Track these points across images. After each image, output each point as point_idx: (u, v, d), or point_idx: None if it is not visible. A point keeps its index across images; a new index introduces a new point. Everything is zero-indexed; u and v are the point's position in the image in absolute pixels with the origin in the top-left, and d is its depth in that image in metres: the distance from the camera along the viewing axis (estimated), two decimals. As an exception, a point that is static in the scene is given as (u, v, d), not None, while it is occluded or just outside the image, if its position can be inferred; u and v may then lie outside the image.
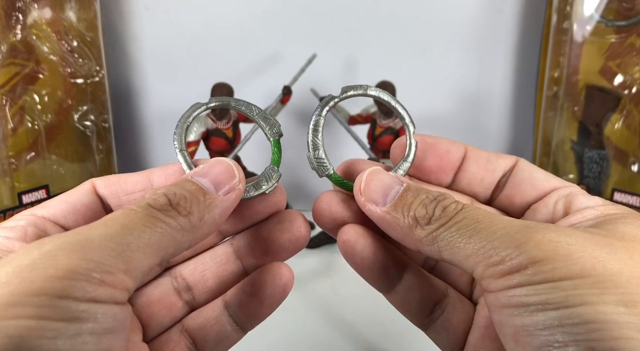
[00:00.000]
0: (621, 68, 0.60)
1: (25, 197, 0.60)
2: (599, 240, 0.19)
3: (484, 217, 0.20)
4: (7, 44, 0.57)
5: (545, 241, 0.18)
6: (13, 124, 0.59)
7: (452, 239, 0.20)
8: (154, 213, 0.19)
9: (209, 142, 0.63)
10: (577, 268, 0.18)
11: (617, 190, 0.63)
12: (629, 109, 0.60)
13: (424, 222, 0.21)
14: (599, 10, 0.61)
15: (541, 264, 0.18)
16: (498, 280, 0.19)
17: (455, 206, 0.21)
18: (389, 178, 0.23)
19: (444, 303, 0.26)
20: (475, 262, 0.19)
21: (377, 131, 0.65)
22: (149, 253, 0.18)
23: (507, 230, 0.19)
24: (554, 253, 0.18)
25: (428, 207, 0.21)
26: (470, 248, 0.20)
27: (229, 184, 0.22)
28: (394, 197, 0.22)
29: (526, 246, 0.18)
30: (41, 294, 0.16)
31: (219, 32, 0.74)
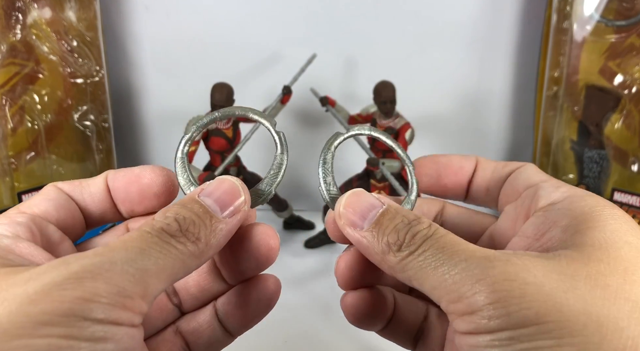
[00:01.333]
0: (621, 68, 0.60)
1: (25, 196, 0.60)
2: (561, 271, 0.18)
3: (448, 246, 0.20)
4: (7, 43, 0.57)
5: (501, 279, 0.18)
6: (13, 124, 0.59)
7: (420, 268, 0.20)
8: (168, 239, 0.20)
9: (209, 142, 0.63)
10: (531, 314, 0.17)
11: (617, 190, 0.63)
12: (628, 109, 0.60)
13: (395, 248, 0.21)
14: (599, 10, 0.61)
15: (495, 307, 0.17)
16: (459, 320, 0.19)
17: (426, 232, 0.21)
18: (368, 200, 0.23)
19: (425, 324, 0.27)
20: (439, 295, 0.19)
21: (377, 131, 0.65)
22: (162, 279, 0.19)
23: (467, 263, 0.19)
24: (508, 295, 0.17)
25: (400, 232, 0.21)
26: (435, 279, 0.19)
27: (234, 205, 0.23)
28: (372, 219, 0.22)
29: (482, 284, 0.18)
30: (70, 315, 0.16)
31: (219, 32, 0.74)
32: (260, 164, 0.73)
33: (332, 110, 0.66)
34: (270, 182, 0.26)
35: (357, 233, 0.22)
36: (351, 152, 0.68)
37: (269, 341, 0.53)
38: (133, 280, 0.18)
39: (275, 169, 0.26)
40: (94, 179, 0.25)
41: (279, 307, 0.59)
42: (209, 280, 0.26)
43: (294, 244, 0.71)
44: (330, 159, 0.26)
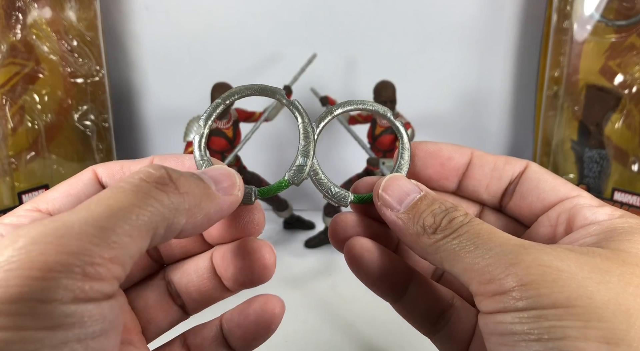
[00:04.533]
0: (621, 67, 0.60)
1: (25, 196, 0.60)
2: (595, 265, 0.18)
3: (485, 233, 0.20)
4: (7, 43, 0.57)
5: (535, 264, 0.18)
6: (13, 124, 0.59)
7: (453, 251, 0.20)
8: (146, 189, 0.18)
9: (209, 142, 0.63)
10: (562, 297, 0.17)
11: (617, 190, 0.63)
12: (629, 109, 0.60)
13: (431, 231, 0.21)
14: (599, 9, 0.61)
15: (527, 289, 0.18)
16: (487, 300, 0.19)
17: (463, 219, 0.21)
18: (407, 185, 0.24)
19: (449, 313, 0.26)
20: (470, 277, 0.20)
21: (378, 131, 0.65)
22: (137, 236, 0.16)
23: (502, 248, 0.19)
24: (540, 278, 0.18)
25: (437, 216, 0.22)
26: (468, 262, 0.20)
27: (229, 189, 0.22)
28: (409, 203, 0.23)
29: (515, 267, 0.18)
30: (19, 300, 0.14)
31: (219, 32, 0.74)
32: (260, 164, 0.73)
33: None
34: (305, 153, 0.26)
35: (393, 214, 0.23)
36: (351, 152, 0.68)
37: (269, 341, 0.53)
38: (96, 241, 0.15)
39: (304, 139, 0.26)
40: (138, 162, 0.24)
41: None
42: (209, 285, 0.26)
43: (294, 244, 0.71)
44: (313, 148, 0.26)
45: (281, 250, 0.71)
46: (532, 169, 0.26)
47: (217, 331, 0.26)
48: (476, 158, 0.26)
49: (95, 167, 0.23)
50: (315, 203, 0.78)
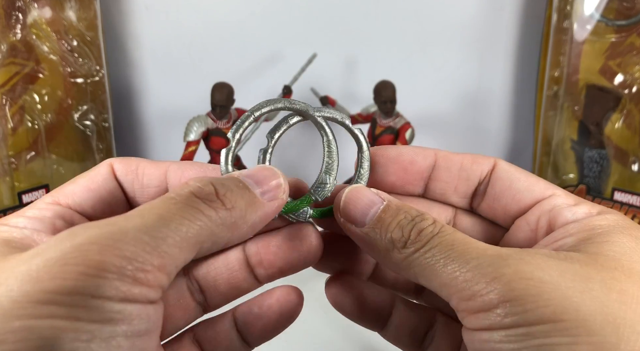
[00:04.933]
0: (621, 67, 0.60)
1: (25, 196, 0.60)
2: (576, 272, 0.18)
3: (458, 243, 0.19)
4: (7, 43, 0.57)
5: (516, 278, 0.18)
6: (13, 124, 0.59)
7: (428, 265, 0.19)
8: (196, 204, 0.18)
9: (209, 142, 0.63)
10: (548, 312, 0.17)
11: (617, 190, 0.63)
12: (629, 108, 0.60)
13: (400, 246, 0.20)
14: (599, 9, 0.61)
15: (512, 305, 0.17)
16: (471, 317, 0.18)
17: (432, 229, 0.20)
18: (368, 196, 0.22)
19: (433, 331, 0.26)
20: (449, 292, 0.19)
21: (378, 130, 0.65)
22: (185, 248, 0.17)
23: (479, 261, 0.18)
24: (525, 293, 0.17)
25: (404, 229, 0.20)
26: (445, 277, 0.19)
27: (274, 192, 0.22)
28: (373, 216, 0.22)
29: (497, 282, 0.18)
30: (74, 293, 0.15)
31: (219, 32, 0.74)
32: (260, 164, 0.73)
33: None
34: (328, 170, 0.26)
35: (359, 231, 0.22)
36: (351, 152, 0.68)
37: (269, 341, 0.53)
38: (148, 248, 0.16)
39: (328, 157, 0.26)
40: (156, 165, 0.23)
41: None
42: (239, 277, 0.25)
43: (294, 244, 0.71)
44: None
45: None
46: (501, 168, 0.24)
47: (231, 323, 0.25)
48: (441, 160, 0.25)
49: (113, 161, 0.23)
50: (315, 203, 0.78)
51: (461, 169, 0.25)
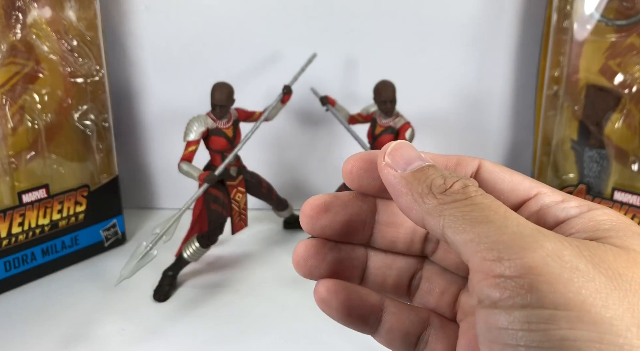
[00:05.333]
0: (621, 67, 0.60)
1: (25, 196, 0.60)
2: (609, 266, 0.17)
3: (502, 209, 0.19)
4: (7, 43, 0.57)
5: (554, 255, 0.17)
6: (13, 123, 0.59)
7: (462, 217, 0.19)
8: None
9: (209, 141, 0.63)
10: (577, 301, 0.16)
11: (618, 190, 0.63)
12: (629, 108, 0.60)
13: (438, 191, 0.20)
14: (599, 9, 0.61)
15: (539, 281, 0.16)
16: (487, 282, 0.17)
17: (476, 189, 0.20)
18: (416, 153, 0.22)
19: (426, 334, 0.25)
20: (473, 250, 0.18)
21: (377, 130, 0.65)
22: None
23: (519, 228, 0.18)
24: (558, 272, 0.16)
25: (447, 179, 0.20)
26: (475, 233, 0.18)
27: None
28: (415, 167, 0.21)
29: (531, 253, 0.17)
30: None
31: (219, 32, 0.74)
32: (260, 164, 0.73)
33: (333, 109, 0.66)
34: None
35: (398, 174, 0.21)
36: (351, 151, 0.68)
37: (269, 341, 0.53)
38: None
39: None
40: None
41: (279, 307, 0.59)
42: None
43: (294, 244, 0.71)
44: None
45: (281, 250, 0.71)
46: (485, 169, 0.24)
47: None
48: None
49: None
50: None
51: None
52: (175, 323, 0.56)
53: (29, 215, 0.61)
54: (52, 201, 0.63)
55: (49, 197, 0.63)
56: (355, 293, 0.25)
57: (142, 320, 0.56)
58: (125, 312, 0.58)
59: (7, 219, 0.59)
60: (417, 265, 0.26)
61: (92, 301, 0.59)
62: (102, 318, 0.56)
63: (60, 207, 0.64)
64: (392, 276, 0.26)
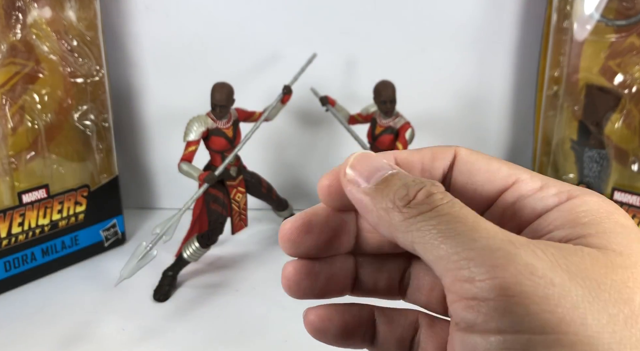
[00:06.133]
0: (621, 67, 0.60)
1: (25, 196, 0.60)
2: (587, 275, 0.16)
3: (470, 219, 0.17)
4: (7, 43, 0.57)
5: (526, 272, 0.16)
6: (13, 124, 0.59)
7: (429, 232, 0.17)
8: None
9: (209, 142, 0.63)
10: (554, 320, 0.15)
11: (617, 190, 0.63)
12: (629, 108, 0.60)
13: (402, 204, 0.18)
14: (599, 9, 0.61)
15: (513, 302, 0.15)
16: (461, 303, 0.16)
17: (442, 197, 0.18)
18: (378, 161, 0.21)
19: (418, 335, 0.25)
20: (445, 268, 0.17)
21: (377, 130, 0.65)
22: None
23: (488, 242, 0.16)
24: (531, 291, 0.15)
25: (410, 189, 0.19)
26: (444, 250, 0.17)
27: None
28: (379, 178, 0.20)
29: (503, 270, 0.16)
30: None
31: (219, 32, 0.74)
32: (260, 164, 0.73)
33: (332, 109, 0.66)
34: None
35: (360, 190, 0.20)
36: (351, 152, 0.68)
37: (269, 341, 0.53)
38: None
39: None
40: None
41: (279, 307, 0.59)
42: None
43: (294, 244, 0.71)
44: None
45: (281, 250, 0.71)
46: (460, 159, 0.23)
47: None
48: (402, 163, 0.23)
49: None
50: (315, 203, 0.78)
51: (423, 170, 0.23)
52: (175, 323, 0.56)
53: (29, 215, 0.61)
54: (52, 201, 0.63)
55: (49, 197, 0.63)
56: (348, 313, 0.24)
57: (142, 320, 0.56)
58: (125, 312, 0.58)
59: (7, 219, 0.59)
60: (405, 264, 0.25)
61: (92, 301, 0.59)
62: (102, 318, 0.56)
63: (60, 207, 0.64)
64: (383, 279, 0.25)
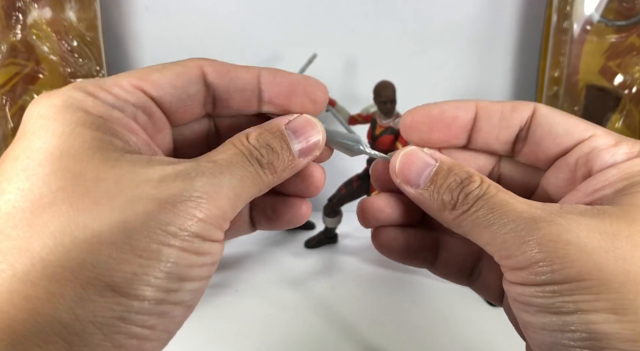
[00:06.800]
0: (621, 68, 0.60)
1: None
2: (604, 230, 0.19)
3: (498, 206, 0.21)
4: (7, 43, 0.57)
5: (545, 241, 0.19)
6: (13, 124, 0.59)
7: (473, 226, 0.22)
8: (258, 169, 0.22)
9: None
10: (574, 272, 0.19)
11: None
12: (629, 109, 0.60)
13: (450, 207, 0.22)
14: (599, 10, 0.61)
15: (542, 265, 0.19)
16: (509, 272, 0.21)
17: (478, 192, 0.22)
18: (422, 158, 0.24)
19: (480, 265, 0.27)
20: (491, 250, 0.21)
21: (377, 131, 0.65)
22: (245, 203, 0.22)
23: (515, 224, 0.20)
24: (552, 255, 0.19)
25: (453, 192, 0.23)
26: (487, 237, 0.21)
27: (310, 149, 0.24)
28: (426, 178, 0.24)
29: (528, 245, 0.20)
30: (189, 232, 0.19)
31: (219, 32, 0.74)
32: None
33: (333, 110, 0.66)
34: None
35: (414, 191, 0.24)
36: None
37: (269, 341, 0.53)
38: (231, 204, 0.21)
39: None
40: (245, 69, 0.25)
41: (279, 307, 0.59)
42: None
43: (294, 244, 0.71)
44: None
45: (281, 250, 0.71)
46: (541, 112, 0.25)
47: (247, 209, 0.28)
48: (481, 111, 0.26)
49: (203, 63, 0.24)
50: (316, 204, 0.78)
51: (501, 118, 0.26)
52: (175, 324, 0.56)
53: (29, 216, 0.61)
54: (53, 201, 0.63)
55: (49, 197, 0.63)
56: (413, 237, 0.27)
57: (142, 320, 0.56)
58: (125, 312, 0.58)
59: (7, 219, 0.59)
60: None
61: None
62: (103, 318, 0.56)
63: (60, 207, 0.64)
64: None
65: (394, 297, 0.57)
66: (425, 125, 0.26)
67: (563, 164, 0.25)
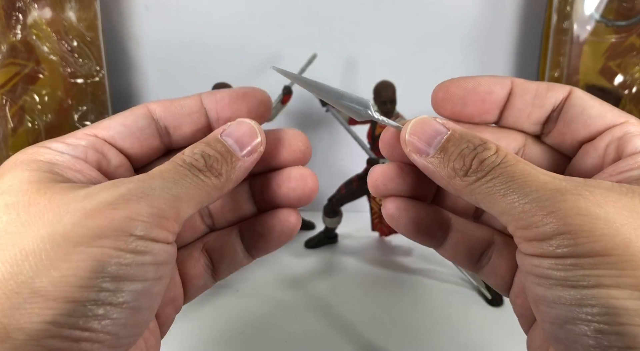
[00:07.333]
0: (621, 68, 0.60)
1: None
2: (633, 208, 0.19)
3: (519, 175, 0.20)
4: (7, 43, 0.57)
5: (572, 213, 0.19)
6: (13, 124, 0.59)
7: (488, 194, 0.21)
8: (196, 173, 0.23)
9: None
10: (599, 247, 0.18)
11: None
12: (629, 109, 0.60)
13: (462, 174, 0.22)
14: (599, 10, 0.61)
15: (564, 238, 0.18)
16: (525, 243, 0.20)
17: (494, 159, 0.21)
18: (433, 126, 0.23)
19: (490, 251, 0.27)
20: (507, 220, 0.20)
21: (377, 131, 0.65)
22: (191, 205, 0.22)
23: (538, 194, 0.19)
24: (578, 228, 0.18)
25: (466, 158, 0.22)
26: (503, 206, 0.20)
27: (252, 145, 0.24)
28: (437, 146, 0.23)
29: (553, 216, 0.19)
30: (119, 230, 0.19)
31: (219, 33, 0.74)
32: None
33: (333, 110, 0.66)
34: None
35: (423, 160, 0.23)
36: (351, 152, 0.68)
37: (269, 341, 0.53)
38: (168, 204, 0.21)
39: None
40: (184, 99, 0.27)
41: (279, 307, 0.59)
42: (244, 209, 0.29)
43: (294, 244, 0.71)
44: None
45: (281, 250, 0.71)
46: (576, 95, 0.25)
47: (237, 237, 0.28)
48: (517, 87, 0.25)
49: (148, 104, 0.26)
50: (315, 203, 0.78)
51: (536, 97, 0.25)
52: (175, 323, 0.56)
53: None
54: (53, 201, 0.63)
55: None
56: (424, 211, 0.27)
57: (142, 321, 0.56)
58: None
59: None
60: None
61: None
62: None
63: (60, 207, 0.64)
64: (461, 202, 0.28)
65: (394, 297, 0.57)
66: (460, 98, 0.26)
67: (592, 149, 0.24)
